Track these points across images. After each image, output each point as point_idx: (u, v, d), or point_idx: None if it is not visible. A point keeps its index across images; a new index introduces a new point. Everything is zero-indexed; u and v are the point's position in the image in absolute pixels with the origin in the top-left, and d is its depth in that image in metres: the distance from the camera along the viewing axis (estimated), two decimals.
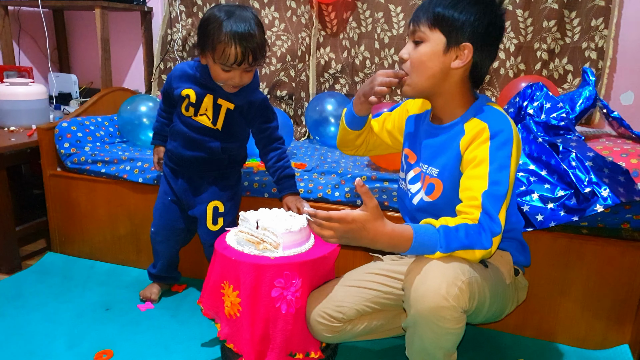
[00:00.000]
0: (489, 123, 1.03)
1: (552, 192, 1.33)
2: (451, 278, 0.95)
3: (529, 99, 1.57)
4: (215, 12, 1.29)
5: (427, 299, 0.95)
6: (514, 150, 1.02)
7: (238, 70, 1.31)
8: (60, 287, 1.70)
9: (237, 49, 1.26)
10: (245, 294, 1.18)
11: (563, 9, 1.98)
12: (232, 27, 1.25)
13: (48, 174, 1.89)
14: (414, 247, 0.98)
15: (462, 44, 1.04)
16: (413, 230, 0.98)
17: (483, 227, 0.98)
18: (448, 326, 0.97)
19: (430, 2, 1.06)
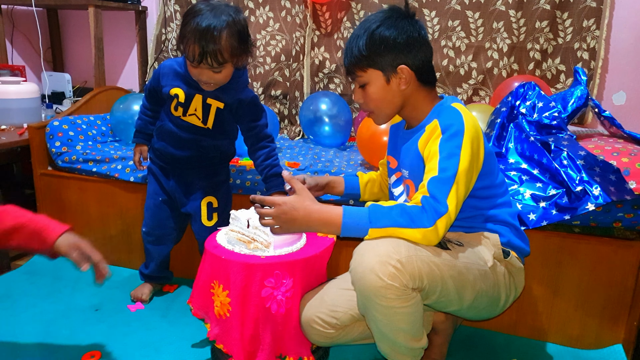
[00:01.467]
0: (440, 120, 1.08)
1: (544, 190, 1.32)
2: (384, 257, 0.97)
3: (521, 98, 1.57)
4: (201, 4, 1.25)
5: (364, 279, 0.98)
6: (467, 141, 1.03)
7: (204, 68, 1.26)
8: (50, 287, 1.68)
9: (195, 48, 1.22)
10: (235, 294, 1.16)
11: (555, 9, 1.99)
12: (198, 24, 1.21)
13: (39, 173, 1.87)
14: (345, 225, 1.03)
15: (397, 68, 1.11)
16: (343, 208, 1.04)
17: (425, 207, 0.99)
18: (393, 304, 0.98)
19: (351, 49, 1.14)
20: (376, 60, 1.11)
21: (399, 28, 1.10)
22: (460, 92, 2.17)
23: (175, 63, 1.42)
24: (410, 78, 1.12)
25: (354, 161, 1.82)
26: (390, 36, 1.09)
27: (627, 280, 1.32)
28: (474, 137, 1.05)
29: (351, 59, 1.14)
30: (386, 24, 1.10)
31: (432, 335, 1.28)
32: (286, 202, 1.08)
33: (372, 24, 1.11)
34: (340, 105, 2.11)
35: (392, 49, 1.10)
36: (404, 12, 1.13)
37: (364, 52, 1.11)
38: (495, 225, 1.16)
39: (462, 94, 2.17)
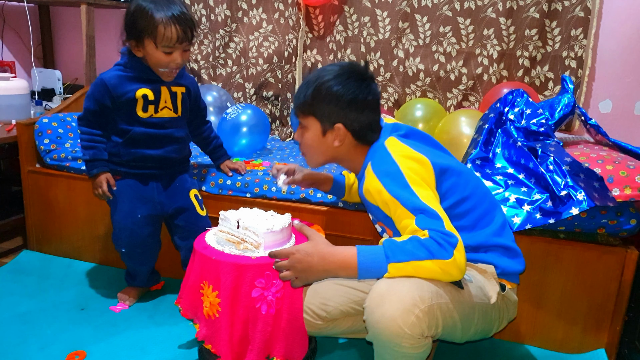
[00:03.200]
0: (374, 168, 1.09)
1: (529, 195, 1.34)
2: (408, 305, 0.93)
3: (510, 105, 1.59)
4: (139, 3, 1.33)
5: (382, 325, 0.94)
6: (407, 174, 1.03)
7: (179, 49, 1.36)
8: (35, 286, 1.66)
9: (177, 27, 1.32)
10: (225, 294, 1.16)
11: (544, 18, 2.02)
12: (166, 11, 1.32)
13: (26, 170, 1.85)
14: (361, 265, 0.99)
15: (335, 125, 1.14)
16: (357, 247, 1.01)
17: (436, 240, 0.95)
18: (405, 351, 0.96)
19: (298, 93, 1.18)
20: (316, 111, 1.15)
21: (347, 87, 1.12)
22: (450, 97, 2.19)
23: (114, 73, 1.41)
24: (344, 137, 1.15)
25: None
26: (336, 93, 1.12)
27: (610, 286, 1.34)
28: (410, 166, 1.05)
29: (297, 101, 1.19)
30: (338, 79, 1.12)
31: None
32: (299, 249, 1.07)
33: (325, 74, 1.14)
34: None
35: (334, 105, 1.12)
36: (362, 73, 1.14)
37: (309, 99, 1.15)
38: (487, 253, 1.12)
39: (452, 99, 2.19)
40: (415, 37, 2.18)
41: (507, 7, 2.04)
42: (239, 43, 2.41)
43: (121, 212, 1.47)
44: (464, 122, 1.78)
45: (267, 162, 1.82)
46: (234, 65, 2.44)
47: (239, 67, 2.43)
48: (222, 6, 2.38)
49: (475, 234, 1.12)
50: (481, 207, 1.14)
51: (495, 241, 1.12)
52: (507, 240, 1.15)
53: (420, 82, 2.21)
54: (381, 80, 2.26)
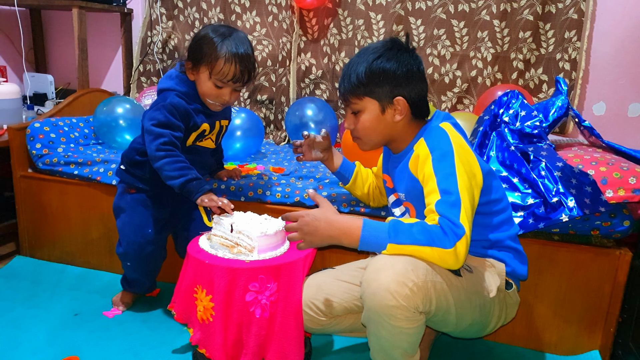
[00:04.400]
0: (428, 141, 1.10)
1: (523, 200, 1.35)
2: (402, 277, 0.97)
3: (504, 107, 1.59)
4: (211, 32, 1.33)
5: (378, 296, 0.98)
6: (458, 159, 1.04)
7: (230, 87, 1.35)
8: (28, 291, 1.65)
9: (236, 67, 1.32)
10: (219, 298, 1.16)
11: (538, 20, 2.03)
12: (232, 47, 1.31)
13: (18, 175, 1.84)
14: (363, 238, 1.02)
15: (394, 99, 1.13)
16: (363, 219, 1.04)
17: (443, 228, 0.98)
18: (400, 325, 0.99)
19: (349, 75, 1.15)
20: (374, 90, 1.13)
21: (399, 61, 1.11)
22: (444, 100, 2.20)
23: (182, 102, 1.36)
24: (405, 110, 1.14)
25: None
26: (390, 68, 1.11)
27: (604, 287, 1.34)
28: (463, 155, 1.06)
29: (348, 85, 1.15)
30: (387, 55, 1.12)
31: None
32: (309, 213, 1.09)
33: (372, 54, 1.12)
34: (326, 111, 2.12)
35: (391, 80, 1.11)
36: (405, 46, 1.14)
37: (363, 80, 1.12)
38: (500, 252, 1.16)
39: (447, 102, 2.20)
40: (410, 40, 2.18)
41: (501, 9, 2.05)
42: None
43: (132, 226, 1.44)
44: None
45: (261, 167, 1.81)
46: None
47: None
48: (216, 9, 2.38)
49: (497, 233, 1.15)
50: (507, 212, 1.18)
51: (511, 244, 1.17)
52: (519, 247, 1.19)
53: None
54: None
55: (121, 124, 1.92)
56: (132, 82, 2.53)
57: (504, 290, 1.15)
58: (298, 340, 1.21)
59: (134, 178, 1.45)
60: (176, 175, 1.30)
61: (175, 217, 1.50)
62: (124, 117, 1.92)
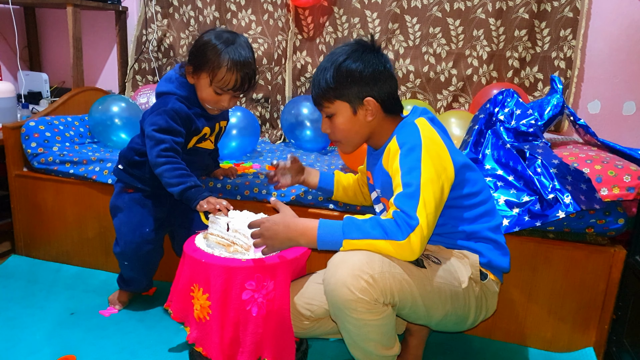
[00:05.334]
0: (398, 137, 1.12)
1: (518, 197, 1.35)
2: (357, 270, 0.99)
3: (500, 105, 1.60)
4: (214, 38, 1.32)
5: (336, 292, 1.01)
6: (425, 153, 1.06)
7: (229, 94, 1.35)
8: (24, 291, 1.65)
9: (237, 75, 1.31)
10: (216, 297, 1.16)
11: (534, 19, 2.04)
12: (236, 55, 1.31)
13: (13, 174, 1.83)
14: (319, 237, 1.05)
15: (364, 100, 1.15)
16: (320, 219, 1.07)
17: (396, 221, 1.00)
18: (363, 317, 1.01)
19: (318, 81, 1.17)
20: (343, 92, 1.15)
21: (365, 61, 1.13)
22: (440, 98, 2.20)
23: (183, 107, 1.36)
24: (376, 110, 1.16)
25: (334, 166, 1.83)
26: (356, 69, 1.13)
27: (599, 285, 1.35)
28: (432, 149, 1.07)
29: (318, 90, 1.18)
30: (353, 57, 1.13)
31: (407, 337, 1.30)
32: (268, 219, 1.12)
33: (338, 56, 1.14)
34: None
35: (358, 81, 1.13)
36: (370, 46, 1.16)
37: (331, 84, 1.14)
38: (477, 243, 1.16)
39: (442, 100, 2.20)
40: (405, 38, 2.19)
41: (497, 7, 2.06)
42: None
43: (129, 225, 1.44)
44: (454, 123, 1.79)
45: (257, 165, 1.81)
46: None
47: None
48: (211, 7, 2.37)
49: (474, 225, 1.16)
50: (486, 205, 1.18)
51: (490, 235, 1.17)
52: (500, 239, 1.19)
53: (410, 84, 2.21)
54: None
55: (116, 123, 1.92)
56: (127, 80, 2.52)
57: (479, 282, 1.15)
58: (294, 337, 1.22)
59: (132, 178, 1.44)
60: (175, 182, 1.30)
61: (173, 216, 1.50)
62: (119, 116, 1.92)
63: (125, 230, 1.45)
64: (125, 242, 1.45)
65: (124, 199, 1.45)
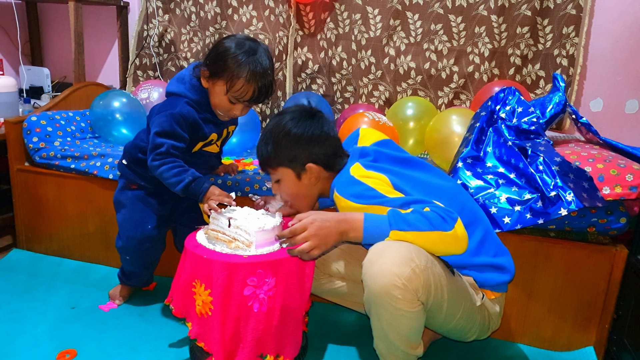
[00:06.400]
0: (340, 192, 1.13)
1: (520, 195, 1.35)
2: (405, 258, 0.99)
3: (501, 103, 1.59)
4: (235, 46, 1.28)
5: (380, 277, 0.99)
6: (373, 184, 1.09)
7: (243, 104, 1.34)
8: (25, 284, 1.65)
9: (255, 86, 1.30)
10: (217, 293, 1.16)
11: (536, 16, 2.03)
12: (255, 66, 1.28)
13: (15, 168, 1.83)
14: (366, 230, 1.04)
15: (305, 166, 1.20)
16: (364, 214, 1.06)
17: (438, 213, 1.01)
18: (401, 306, 1.00)
19: (260, 150, 1.24)
20: (284, 159, 1.21)
21: (301, 127, 1.19)
22: (441, 95, 2.20)
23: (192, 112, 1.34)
24: (318, 172, 1.21)
25: None
26: (294, 135, 1.19)
27: (600, 284, 1.35)
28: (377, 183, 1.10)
29: (261, 157, 1.24)
30: (291, 123, 1.20)
31: None
32: (316, 219, 1.06)
33: (277, 125, 1.21)
34: (322, 106, 2.10)
35: (297, 147, 1.19)
36: (308, 111, 1.22)
37: (271, 152, 1.21)
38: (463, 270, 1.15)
39: (443, 97, 2.20)
40: (407, 34, 2.18)
41: (499, 4, 2.05)
42: None
43: (132, 221, 1.45)
44: (455, 120, 1.79)
45: (257, 161, 1.81)
46: None
47: None
48: (212, 3, 2.37)
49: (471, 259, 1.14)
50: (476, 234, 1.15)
51: (475, 261, 1.14)
52: (485, 258, 1.15)
53: (412, 81, 2.21)
54: (372, 79, 2.26)
55: (117, 118, 1.92)
56: (128, 75, 2.52)
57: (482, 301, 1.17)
58: (295, 334, 1.22)
59: (135, 175, 1.44)
60: (175, 181, 1.31)
61: (176, 212, 1.50)
62: (120, 111, 1.92)
63: (127, 226, 1.45)
64: (127, 237, 1.45)
65: (127, 195, 1.46)
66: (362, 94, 2.28)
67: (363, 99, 2.28)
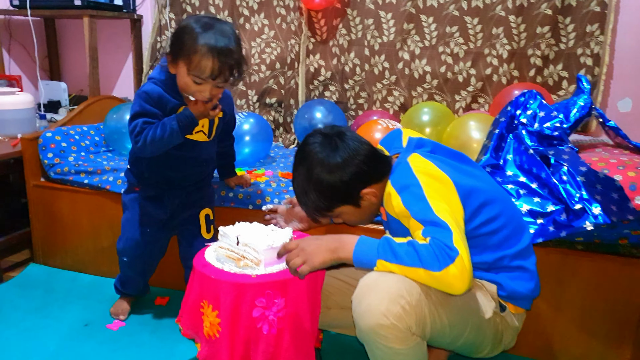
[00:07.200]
0: (392, 181, 1.07)
1: (542, 206, 1.28)
2: (394, 295, 0.93)
3: (522, 108, 1.52)
4: (193, 22, 1.23)
5: (368, 315, 0.94)
6: (426, 188, 1.00)
7: (209, 84, 1.25)
8: (41, 300, 1.66)
9: (214, 62, 1.20)
10: (225, 314, 1.12)
11: (557, 14, 1.94)
12: (211, 40, 1.20)
13: (31, 184, 1.85)
14: (356, 254, 0.99)
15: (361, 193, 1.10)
16: (360, 236, 1.01)
17: (434, 249, 0.92)
18: (393, 346, 0.94)
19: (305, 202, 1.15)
20: (334, 204, 1.12)
21: (334, 166, 1.07)
22: (458, 99, 2.13)
23: (157, 88, 1.30)
24: (377, 190, 1.11)
25: None
26: (337, 179, 1.08)
27: (634, 300, 1.27)
28: (431, 183, 1.01)
29: (310, 210, 1.15)
30: (325, 163, 1.08)
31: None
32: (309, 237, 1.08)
33: (309, 175, 1.09)
34: (335, 113, 2.07)
35: (342, 187, 1.09)
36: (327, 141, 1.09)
37: (321, 203, 1.11)
38: (498, 274, 1.09)
39: (461, 101, 2.12)
40: (421, 38, 2.12)
41: (517, 4, 1.97)
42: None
43: (131, 223, 1.46)
44: (473, 126, 1.72)
45: (269, 172, 1.78)
46: None
47: None
48: (224, 13, 2.35)
49: (497, 253, 1.08)
50: (509, 227, 1.10)
51: (514, 263, 1.09)
52: (528, 264, 1.11)
53: (427, 85, 2.14)
54: (386, 84, 2.20)
55: None
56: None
57: (498, 313, 1.09)
58: (308, 356, 1.17)
59: (135, 177, 1.45)
60: (165, 133, 1.26)
61: (175, 219, 1.47)
62: None
63: (127, 227, 1.47)
64: (126, 238, 1.47)
65: (130, 197, 1.47)
66: (376, 99, 2.23)
67: (377, 105, 2.23)
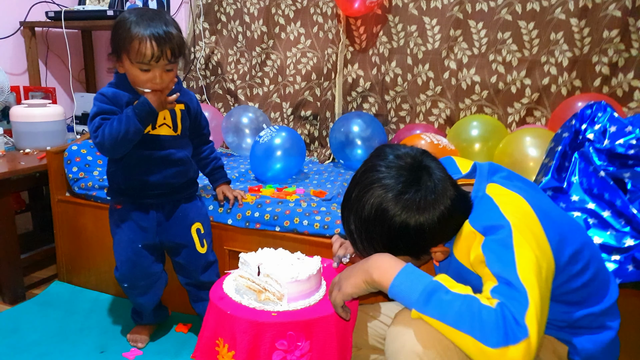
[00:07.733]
0: (472, 220, 0.86)
1: (618, 240, 1.08)
2: (435, 340, 0.78)
3: (588, 122, 1.32)
4: (126, 14, 1.25)
5: (401, 354, 0.82)
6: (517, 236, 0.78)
7: (157, 68, 1.23)
8: (60, 322, 1.59)
9: (151, 43, 1.20)
10: (242, 357, 0.99)
11: (627, 16, 1.72)
12: (144, 24, 1.22)
13: (56, 199, 1.80)
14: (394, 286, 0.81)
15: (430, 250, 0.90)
16: (405, 266, 0.83)
17: (498, 318, 0.71)
18: None
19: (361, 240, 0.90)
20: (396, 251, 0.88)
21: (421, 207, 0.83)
22: (511, 112, 1.93)
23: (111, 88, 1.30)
24: (444, 251, 0.91)
25: None
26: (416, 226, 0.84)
27: None
28: (523, 228, 0.80)
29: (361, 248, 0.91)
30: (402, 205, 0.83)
31: None
32: None
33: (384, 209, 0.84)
34: (374, 126, 1.93)
35: (417, 237, 0.85)
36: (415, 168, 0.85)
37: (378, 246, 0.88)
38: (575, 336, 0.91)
39: (514, 115, 1.93)
40: (470, 45, 1.95)
41: (580, 6, 1.77)
42: (276, 60, 2.28)
43: (121, 242, 1.38)
44: (529, 142, 1.54)
45: (301, 190, 1.64)
46: (270, 84, 2.31)
47: (276, 85, 2.30)
48: (259, 22, 2.27)
49: (580, 311, 0.89)
50: (597, 279, 0.90)
51: (598, 322, 0.90)
52: (613, 322, 0.92)
53: (476, 96, 1.96)
54: (430, 95, 2.03)
55: None
56: None
57: None
58: None
59: (114, 193, 1.39)
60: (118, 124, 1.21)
61: (165, 236, 1.38)
62: None
63: (119, 251, 1.39)
64: (121, 262, 1.39)
65: (114, 218, 1.40)
66: (419, 112, 2.07)
67: (420, 118, 2.07)
